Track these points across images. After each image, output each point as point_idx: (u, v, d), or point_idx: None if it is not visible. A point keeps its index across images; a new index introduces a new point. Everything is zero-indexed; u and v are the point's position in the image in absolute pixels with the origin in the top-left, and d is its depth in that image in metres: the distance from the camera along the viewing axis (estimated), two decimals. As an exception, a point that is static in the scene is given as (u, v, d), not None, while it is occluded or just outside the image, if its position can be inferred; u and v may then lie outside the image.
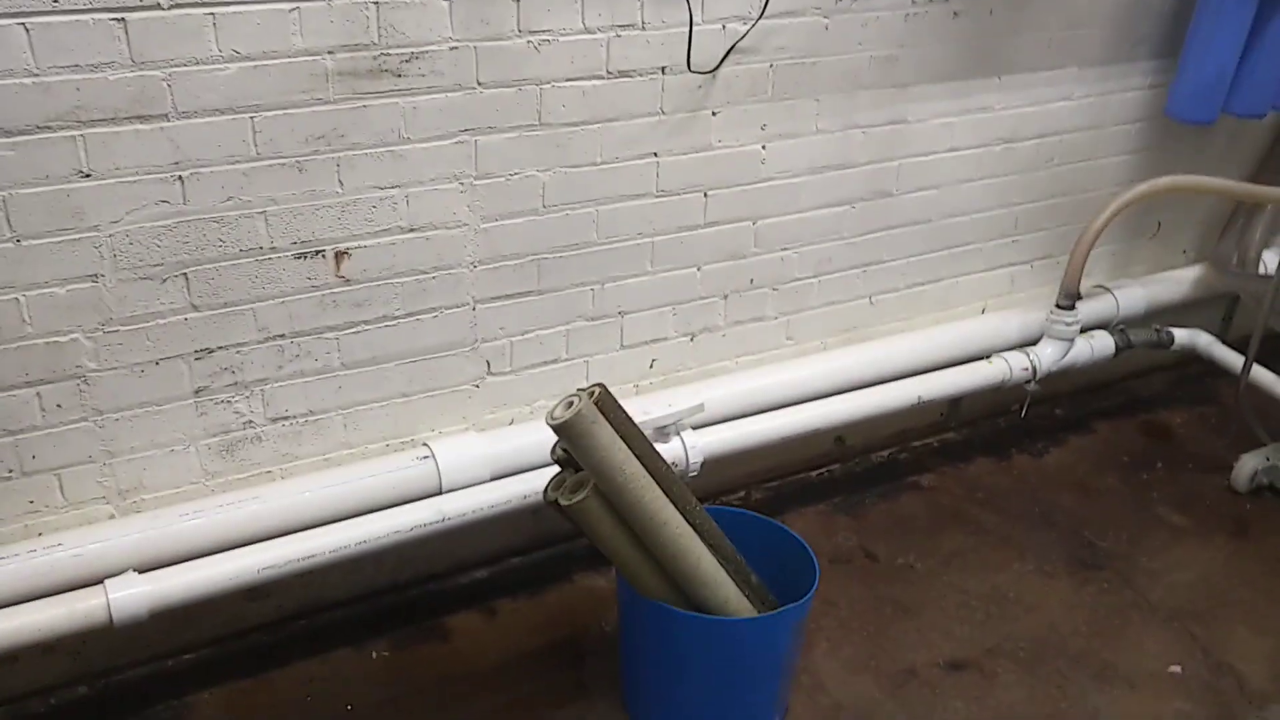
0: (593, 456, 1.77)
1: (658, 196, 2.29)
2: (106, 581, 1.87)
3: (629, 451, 1.82)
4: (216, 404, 2.02)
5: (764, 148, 2.37)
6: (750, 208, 2.42)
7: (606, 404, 1.88)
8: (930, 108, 2.53)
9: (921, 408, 2.68)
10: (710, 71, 2.22)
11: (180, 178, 1.81)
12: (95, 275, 1.82)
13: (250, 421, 2.06)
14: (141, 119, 1.75)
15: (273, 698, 2.14)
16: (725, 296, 2.50)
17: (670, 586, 1.93)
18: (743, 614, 1.95)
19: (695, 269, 2.42)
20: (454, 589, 2.41)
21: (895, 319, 2.79)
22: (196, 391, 1.99)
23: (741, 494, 2.77)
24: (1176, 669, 2.29)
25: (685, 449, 2.32)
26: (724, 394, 2.48)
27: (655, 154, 2.25)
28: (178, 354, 1.94)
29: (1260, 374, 2.86)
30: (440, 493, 2.18)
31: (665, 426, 2.30)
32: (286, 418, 2.09)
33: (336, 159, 1.93)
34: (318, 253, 1.98)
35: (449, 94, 1.98)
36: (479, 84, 2.00)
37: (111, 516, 2.00)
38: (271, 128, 1.85)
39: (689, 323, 2.48)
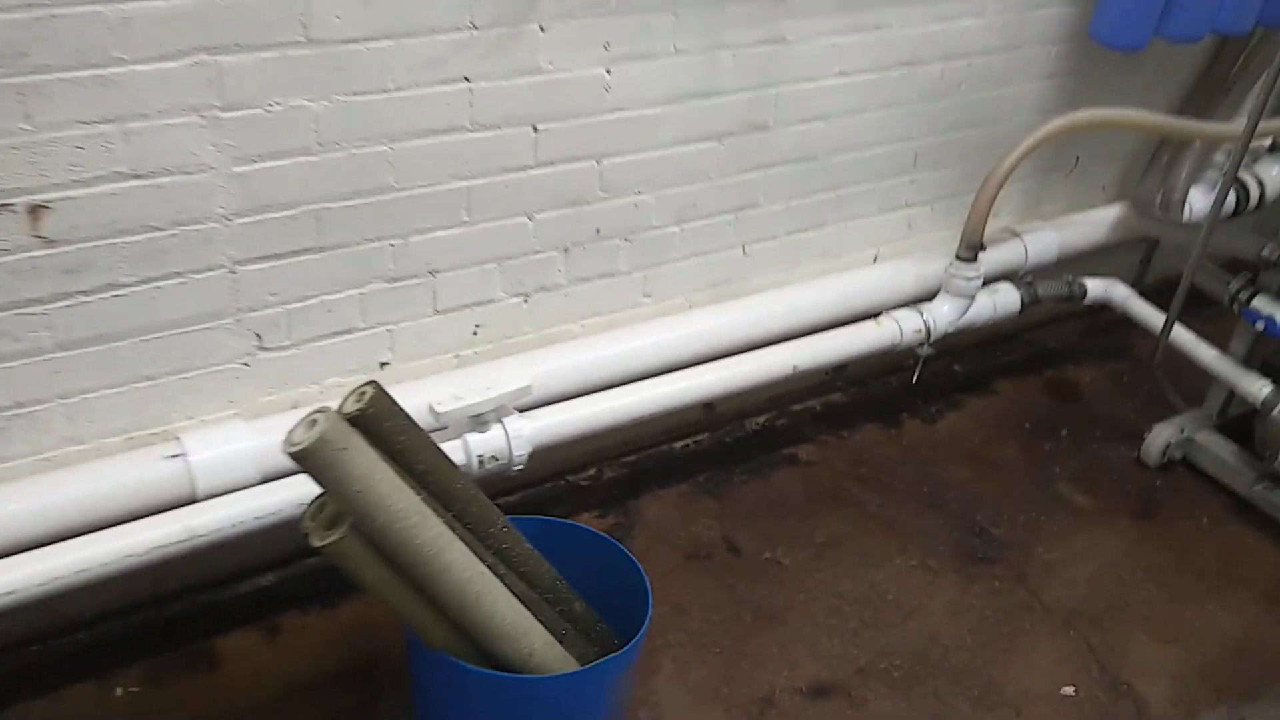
0: (345, 490, 1.36)
1: (472, 131, 1.84)
2: None
3: (397, 480, 1.41)
4: (-123, 399, 1.56)
5: (608, 72, 1.93)
6: (593, 144, 1.99)
7: (375, 413, 1.48)
8: (814, 24, 2.11)
9: (799, 377, 2.32)
10: (534, -26, 1.76)
11: None
12: None
13: (-69, 418, 1.61)
14: None
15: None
16: (565, 250, 2.08)
17: (461, 637, 1.55)
18: (551, 666, 1.59)
19: (526, 218, 1.99)
20: (230, 601, 2.01)
21: (773, 271, 2.41)
22: None
23: (591, 472, 2.40)
24: (1069, 690, 2.01)
25: (508, 439, 1.93)
26: (565, 364, 2.09)
27: (466, 78, 1.79)
28: None
29: (1180, 334, 2.55)
30: (195, 499, 1.76)
31: (482, 414, 1.90)
32: (-16, 411, 1.65)
33: (18, 86, 1.45)
34: (3, 206, 1.51)
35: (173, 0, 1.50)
36: (215, -15, 1.52)
37: None
38: (-92, 42, 1.36)
39: (520, 281, 2.06)
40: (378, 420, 1.49)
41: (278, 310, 1.82)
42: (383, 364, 1.99)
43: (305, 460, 1.33)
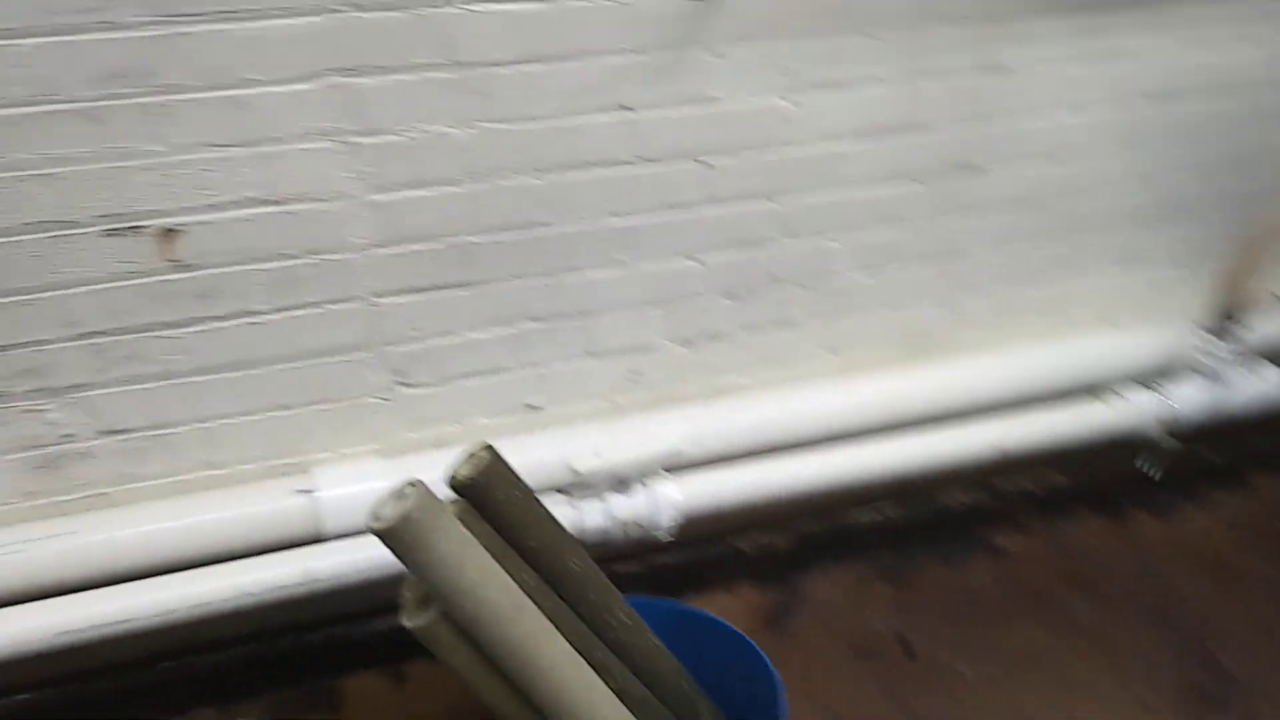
0: (431, 576, 1.22)
1: (632, 164, 1.68)
2: None
3: (492, 566, 1.26)
4: (20, 413, 1.57)
5: (791, 101, 1.72)
6: (771, 181, 1.79)
7: (487, 482, 1.33)
8: (1041, 50, 1.81)
9: (1007, 460, 2.01)
10: (707, -6, 1.58)
11: (-82, 124, 1.33)
12: None
13: (71, 434, 1.61)
14: None
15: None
16: (736, 295, 1.88)
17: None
18: (655, 781, 1.39)
19: (692, 260, 1.81)
20: (361, 640, 1.93)
21: (982, 330, 2.11)
22: (-12, 397, 1.54)
23: (757, 536, 2.18)
24: None
25: (655, 505, 1.75)
26: (730, 420, 1.90)
27: (626, 107, 1.63)
28: (-48, 352, 1.49)
29: None
30: (321, 538, 1.69)
31: (626, 476, 1.73)
32: (122, 431, 1.63)
33: (146, 106, 1.41)
34: (135, 229, 1.48)
35: (309, 18, 1.42)
36: (355, 6, 1.43)
37: (-103, 542, 1.59)
38: (42, 60, 1.34)
39: (684, 327, 1.88)
40: (488, 490, 1.35)
41: (419, 346, 1.72)
42: (531, 406, 1.85)
43: (388, 540, 1.20)
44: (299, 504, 1.67)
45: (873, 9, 1.68)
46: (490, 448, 1.38)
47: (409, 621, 1.28)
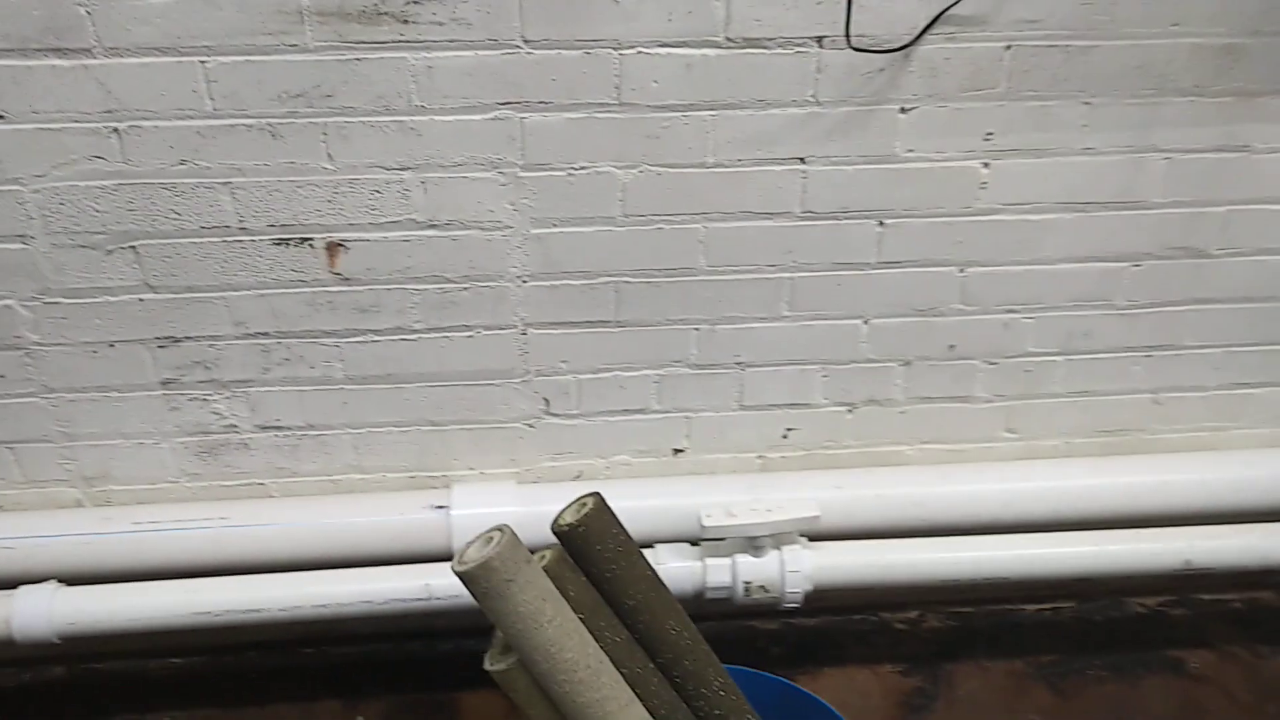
0: (507, 626, 1.20)
1: (802, 219, 1.60)
2: (17, 594, 1.60)
3: (573, 623, 1.23)
4: (189, 400, 1.66)
5: (986, 165, 1.59)
6: (956, 249, 1.66)
7: (588, 532, 1.30)
8: (1291, 132, 1.59)
9: (1192, 574, 1.80)
10: (901, 49, 1.47)
11: (116, 129, 1.43)
12: (23, 236, 1.49)
13: (233, 425, 1.69)
14: (57, 52, 1.36)
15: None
16: (907, 363, 1.76)
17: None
18: None
19: (860, 321, 1.71)
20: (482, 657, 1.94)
21: (1193, 429, 1.89)
22: (164, 383, 1.64)
23: (912, 615, 2.05)
24: None
25: (783, 572, 1.67)
26: (885, 492, 1.78)
27: (801, 159, 1.55)
28: (135, 338, 1.60)
29: None
30: (451, 555, 1.70)
31: (756, 538, 1.65)
32: (278, 427, 1.70)
33: (322, 126, 1.45)
34: (304, 241, 1.54)
35: (480, 52, 1.42)
36: (525, 41, 1.42)
37: (78, 503, 1.73)
38: (230, 77, 1.40)
39: (846, 390, 1.78)
40: (588, 540, 1.32)
41: (568, 378, 1.71)
42: (677, 450, 1.81)
43: (467, 583, 1.19)
44: (434, 519, 1.70)
45: (1096, 74, 1.52)
46: (598, 496, 1.34)
47: (489, 664, 1.27)
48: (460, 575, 1.19)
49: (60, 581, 1.62)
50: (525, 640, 1.20)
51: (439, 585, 1.66)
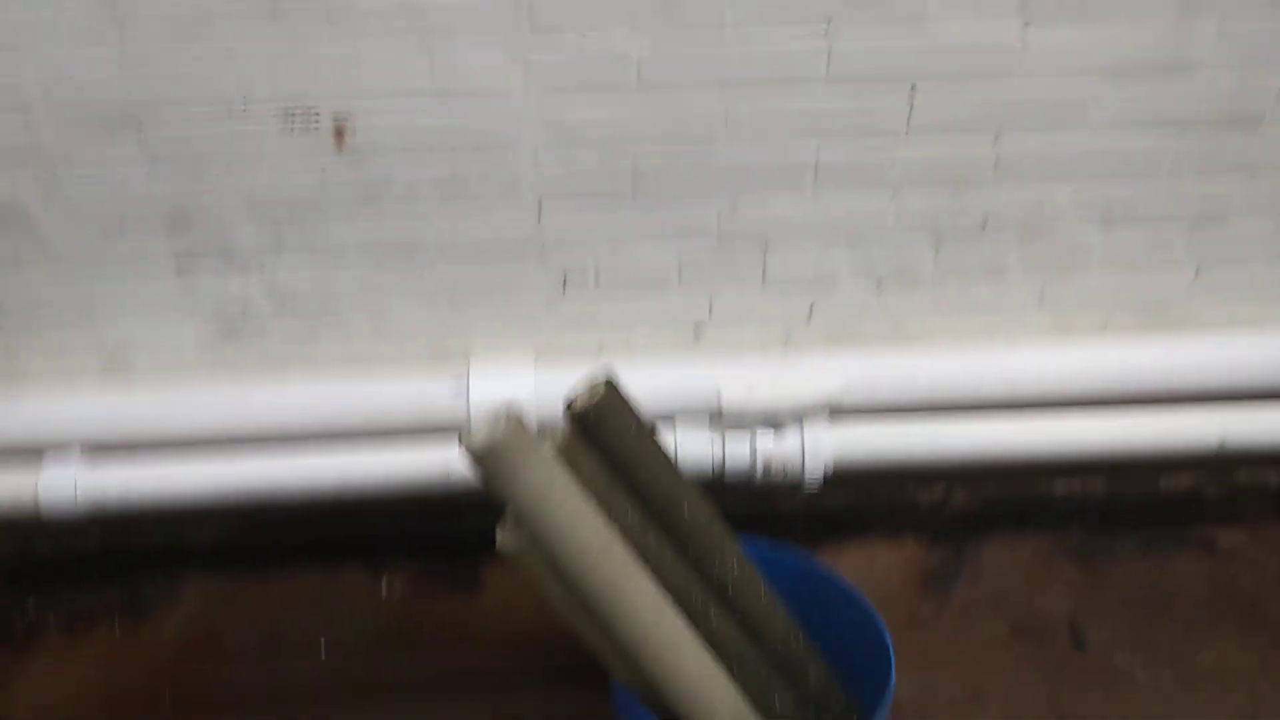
0: (518, 507, 1.20)
1: (828, 83, 1.53)
2: (43, 469, 1.63)
3: (582, 504, 1.22)
4: (204, 280, 1.66)
5: (1025, 24, 1.49)
6: (992, 115, 1.58)
7: (599, 414, 1.29)
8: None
9: (1228, 453, 1.75)
10: (933, -104, 1.37)
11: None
12: (25, 111, 1.47)
13: (248, 305, 1.69)
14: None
15: (264, 602, 1.87)
16: (938, 238, 1.70)
17: (645, 679, 1.35)
18: (735, 746, 1.34)
19: (889, 193, 1.65)
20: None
21: (1235, 305, 1.82)
22: (178, 263, 1.63)
23: (938, 489, 2.03)
24: None
25: (803, 451, 1.65)
26: (912, 368, 1.75)
27: (826, 19, 1.47)
28: (146, 218, 1.58)
29: None
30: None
31: (776, 415, 1.63)
32: (295, 306, 1.70)
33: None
34: (311, 111, 1.50)
35: (483, -92, 1.34)
36: (531, -105, 1.34)
37: (101, 379, 1.75)
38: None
39: (873, 266, 1.73)
40: (601, 422, 1.31)
41: (585, 254, 1.68)
42: (697, 328, 1.78)
43: (474, 465, 1.18)
44: (451, 396, 1.69)
45: (1142, -78, 1.41)
46: (611, 378, 1.32)
47: (501, 543, 1.27)
48: (467, 458, 1.18)
49: (84, 455, 1.65)
50: (534, 522, 1.20)
51: (456, 462, 1.66)
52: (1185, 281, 1.78)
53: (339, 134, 1.51)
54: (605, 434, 1.31)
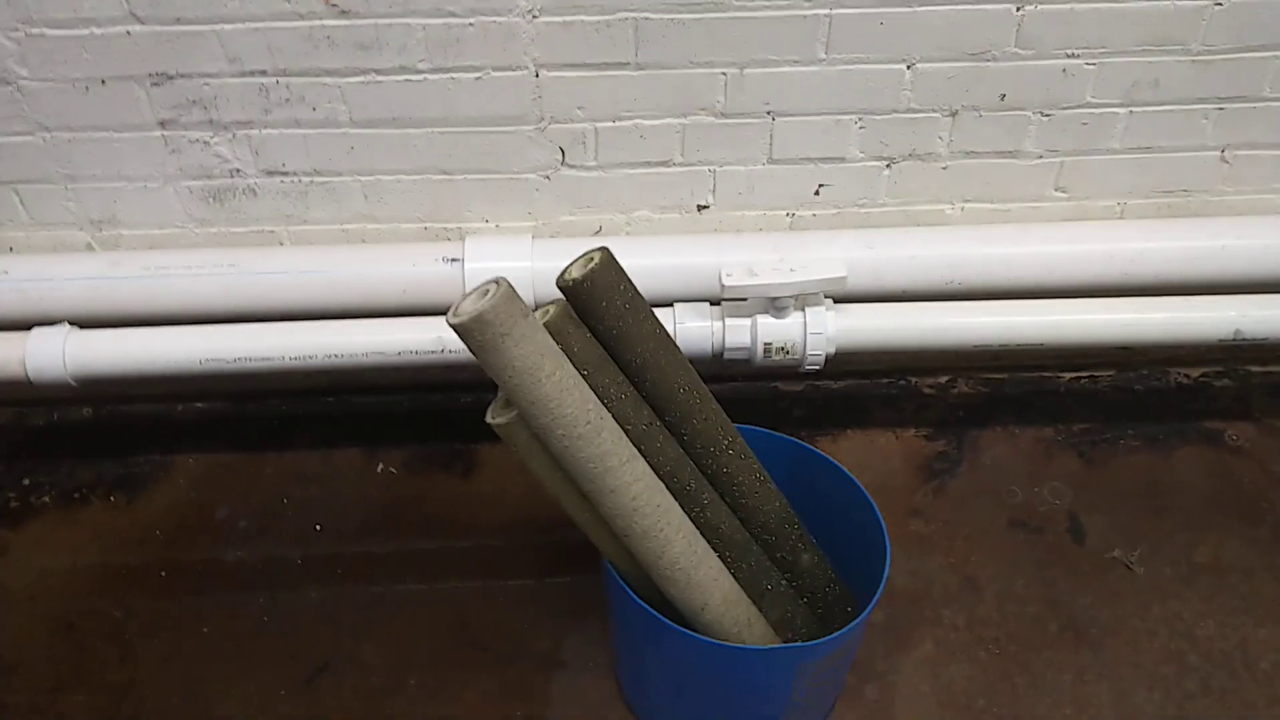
0: (505, 381, 1.16)
1: (842, -56, 1.44)
2: (31, 334, 1.60)
3: (572, 378, 1.18)
4: (190, 142, 1.60)
5: (1056, -118, 1.40)
6: (1015, -19, 1.49)
7: (593, 288, 1.24)
8: None
9: (1236, 344, 1.71)
10: None
11: None
12: (-5, -41, 1.39)
13: (237, 169, 1.63)
14: None
15: (258, 481, 1.85)
16: (953, 113, 1.63)
17: (634, 561, 1.33)
18: (723, 627, 1.32)
19: (903, 65, 1.57)
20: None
21: (1264, 191, 1.75)
22: (161, 123, 1.57)
23: (942, 380, 1.99)
24: None
25: (805, 333, 1.61)
26: (921, 252, 1.68)
27: (843, -127, 1.37)
28: (127, 75, 1.52)
29: None
30: (463, 309, 1.66)
31: (779, 298, 1.58)
32: (284, 173, 1.64)
33: None
34: (295, -35, 1.41)
35: None
36: None
37: (89, 246, 1.71)
38: None
39: (884, 143, 1.66)
40: (593, 295, 1.26)
41: (585, 126, 1.61)
42: (701, 207, 1.72)
43: (462, 337, 1.14)
44: (447, 271, 1.65)
45: None
46: (605, 250, 1.27)
47: (490, 417, 1.24)
48: (455, 328, 1.14)
49: (73, 325, 1.62)
50: (523, 395, 1.16)
51: (451, 338, 1.62)
52: (1211, 165, 1.71)
53: (325, -9, 1.43)
54: (599, 308, 1.26)
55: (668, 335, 1.32)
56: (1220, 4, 1.52)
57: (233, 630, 1.63)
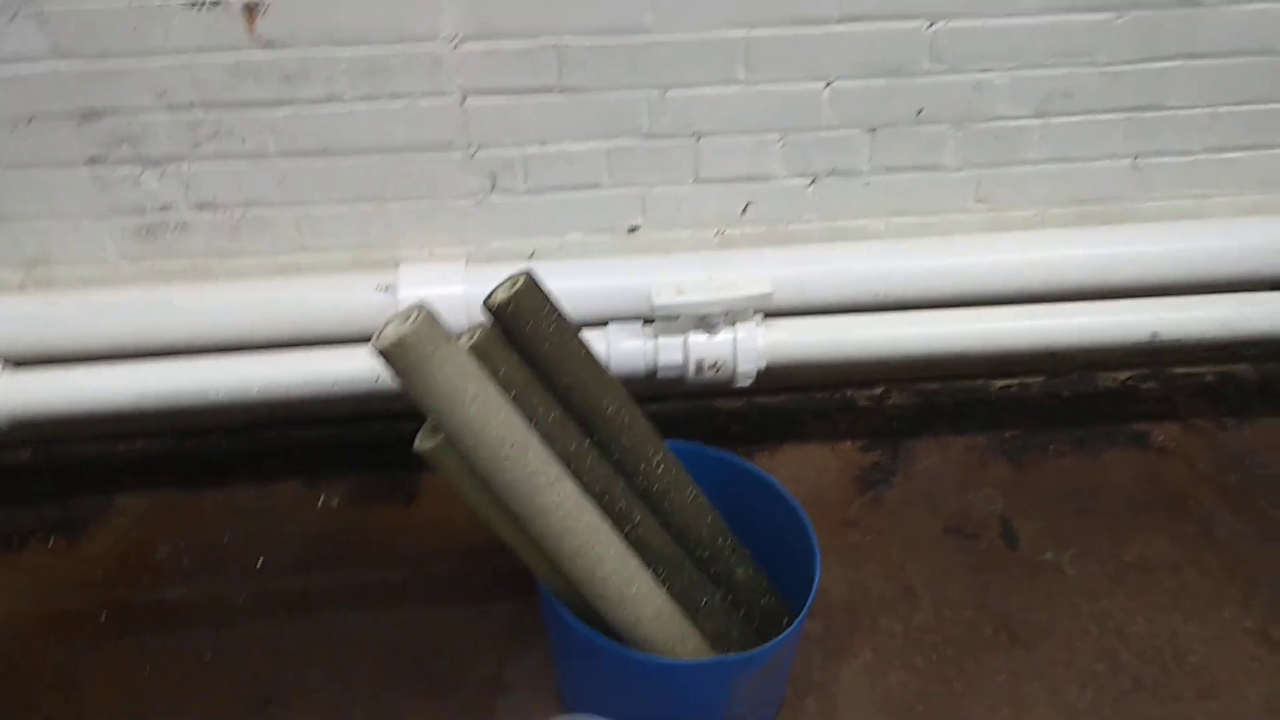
0: (429, 405, 1.17)
1: (756, -31, 1.48)
2: (-38, 373, 1.59)
3: (496, 401, 1.20)
4: (119, 180, 1.60)
5: (958, -95, 1.45)
6: (927, 1, 1.53)
7: (518, 310, 1.26)
8: None
9: (1157, 347, 1.76)
10: None
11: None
12: (-88, 0, 1.39)
13: (167, 205, 1.63)
14: None
15: (199, 517, 1.85)
16: (872, 130, 1.67)
17: (570, 584, 1.34)
18: (656, 641, 1.34)
19: (822, 84, 1.61)
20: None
21: (1175, 196, 1.81)
22: (90, 160, 1.57)
23: (877, 391, 2.03)
24: None
25: (735, 350, 1.63)
26: (847, 267, 1.72)
27: (753, -99, 1.41)
28: (55, 111, 1.51)
29: None
30: (399, 336, 1.67)
31: (708, 316, 1.61)
32: (216, 206, 1.64)
33: None
34: (217, 2, 1.43)
35: None
36: None
37: (21, 287, 1.70)
38: None
39: (807, 160, 1.69)
40: (518, 318, 1.28)
41: (513, 151, 1.63)
42: (632, 228, 1.74)
43: (385, 362, 1.15)
44: (381, 300, 1.65)
45: None
46: (529, 274, 1.29)
47: (418, 444, 1.25)
48: (379, 352, 1.15)
49: (5, 366, 1.61)
50: (448, 418, 1.17)
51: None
52: (1123, 172, 1.77)
53: (249, 12, 1.44)
54: (524, 330, 1.29)
55: (593, 355, 1.35)
56: (1124, 17, 1.58)
57: (177, 668, 1.62)
